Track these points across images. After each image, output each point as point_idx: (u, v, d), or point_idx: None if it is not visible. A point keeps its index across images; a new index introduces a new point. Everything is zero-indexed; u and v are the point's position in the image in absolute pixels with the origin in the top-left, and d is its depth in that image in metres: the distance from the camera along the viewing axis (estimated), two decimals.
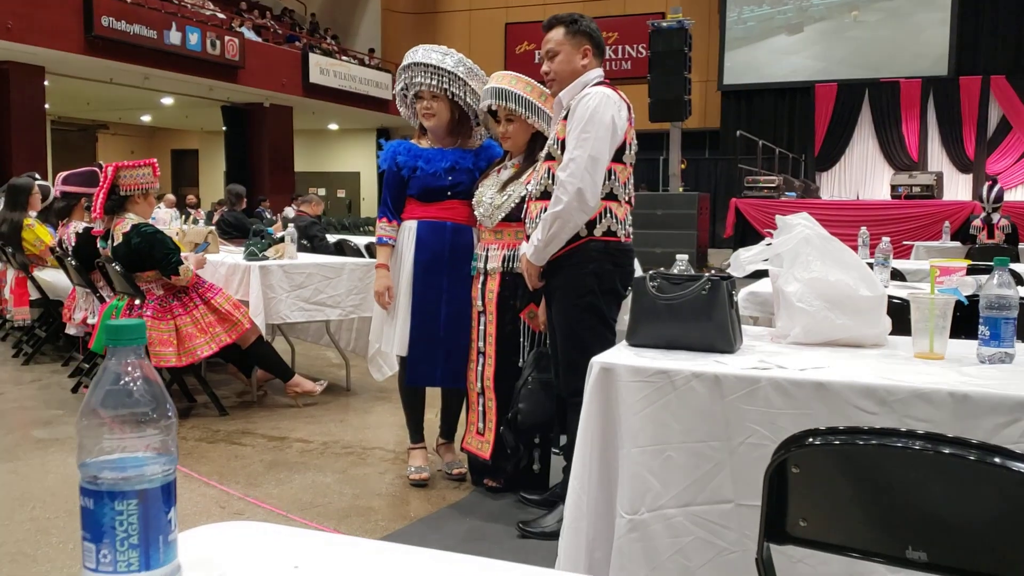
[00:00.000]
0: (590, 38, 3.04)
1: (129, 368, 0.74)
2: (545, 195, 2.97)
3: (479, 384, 3.52)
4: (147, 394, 0.74)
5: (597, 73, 3.04)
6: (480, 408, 3.54)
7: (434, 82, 3.50)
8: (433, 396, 3.79)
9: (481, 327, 3.51)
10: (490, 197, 3.44)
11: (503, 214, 3.40)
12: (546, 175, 3.00)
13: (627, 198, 3.01)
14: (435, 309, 3.54)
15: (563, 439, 3.34)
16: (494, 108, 3.43)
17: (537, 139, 3.40)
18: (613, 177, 2.92)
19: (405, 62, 3.60)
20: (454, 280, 3.53)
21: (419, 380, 3.63)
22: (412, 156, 3.58)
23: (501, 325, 3.45)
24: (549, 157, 3.02)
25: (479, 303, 3.49)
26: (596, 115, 2.85)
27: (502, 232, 3.44)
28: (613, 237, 2.95)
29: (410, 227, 3.58)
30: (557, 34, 3.04)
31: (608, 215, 2.93)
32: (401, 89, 3.66)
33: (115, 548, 0.72)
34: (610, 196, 2.93)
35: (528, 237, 3.08)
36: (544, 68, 3.07)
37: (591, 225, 2.91)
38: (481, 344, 3.51)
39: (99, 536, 0.72)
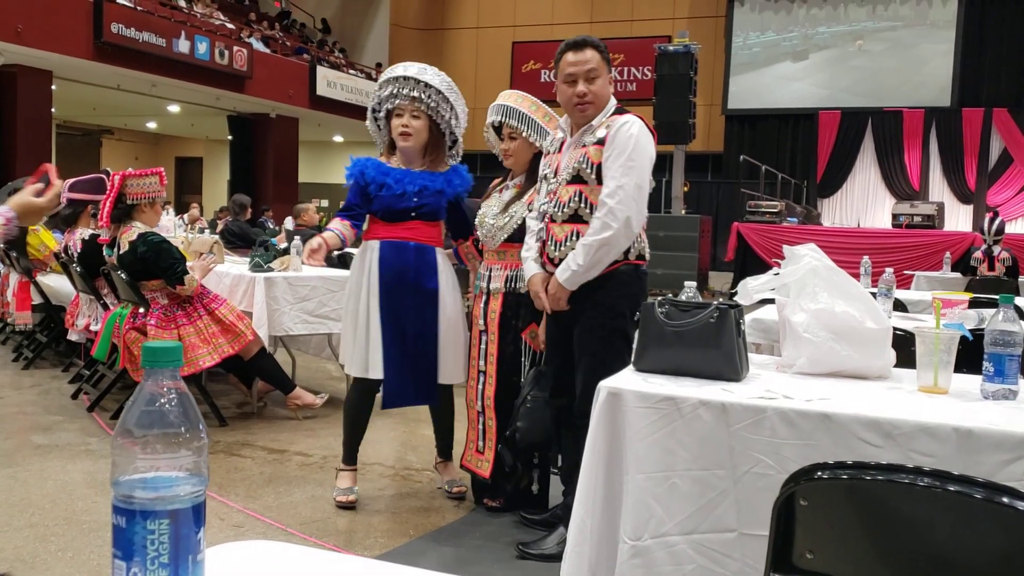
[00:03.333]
0: (609, 66, 3.04)
1: (165, 389, 0.75)
2: (575, 218, 2.94)
3: (479, 403, 3.53)
4: (181, 415, 0.75)
5: (614, 99, 3.07)
6: (480, 427, 3.55)
7: (419, 96, 3.41)
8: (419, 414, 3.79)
9: (482, 346, 3.51)
10: (492, 218, 3.46)
11: (506, 235, 3.41)
12: (576, 198, 2.94)
13: (644, 223, 3.05)
14: (403, 328, 3.47)
15: (560, 460, 3.35)
16: (498, 124, 3.46)
17: (539, 159, 3.39)
18: None
19: (385, 77, 3.51)
20: (419, 299, 3.48)
21: (396, 402, 3.55)
22: (380, 173, 3.49)
23: (503, 345, 3.46)
24: (577, 180, 2.95)
25: (481, 322, 3.51)
26: (640, 144, 2.87)
27: (505, 253, 3.46)
28: (642, 261, 3.00)
29: (372, 247, 3.50)
30: (595, 57, 2.97)
31: (640, 240, 2.99)
32: (375, 105, 3.57)
33: (145, 567, 0.73)
34: None
35: (548, 258, 3.03)
36: (581, 89, 2.94)
37: (627, 250, 2.94)
38: (482, 363, 3.51)
39: (130, 554, 0.73)
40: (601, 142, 2.92)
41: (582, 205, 2.92)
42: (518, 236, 3.35)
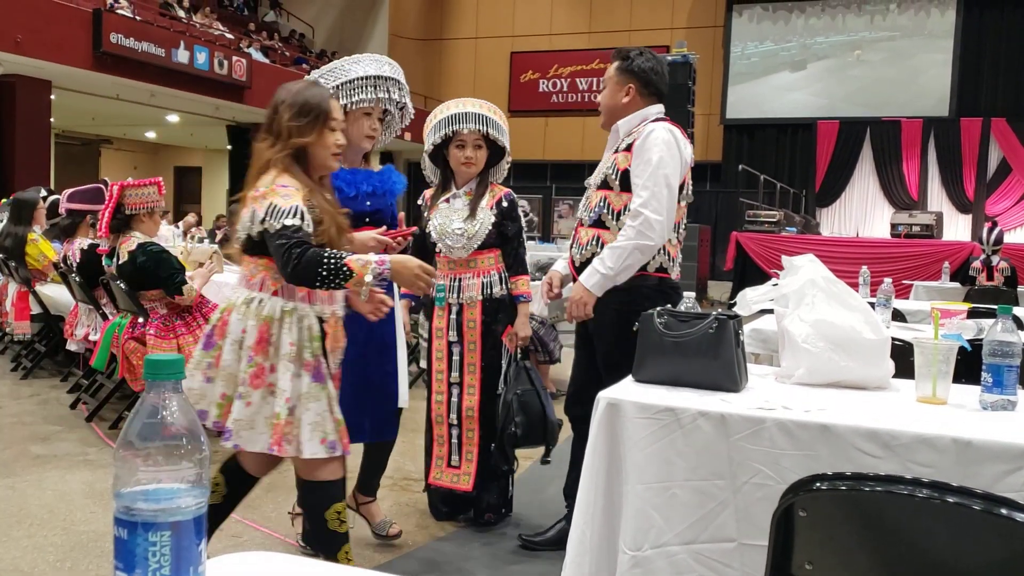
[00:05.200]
0: (636, 77, 3.09)
1: (166, 402, 0.76)
2: (598, 223, 3.00)
3: (454, 416, 3.48)
4: (183, 428, 0.75)
5: (657, 109, 3.10)
6: (455, 440, 3.49)
7: (396, 99, 3.13)
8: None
9: (456, 357, 3.46)
10: (459, 227, 3.39)
11: (479, 242, 3.41)
12: (601, 203, 3.01)
13: (679, 237, 3.07)
14: (361, 351, 2.99)
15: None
16: (476, 133, 3.38)
17: (489, 164, 3.48)
18: None
19: (373, 72, 3.06)
20: (380, 319, 2.94)
21: (350, 437, 3.00)
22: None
23: (485, 352, 3.46)
24: (604, 186, 3.04)
25: (453, 334, 3.45)
26: (667, 150, 2.91)
27: (476, 260, 3.44)
28: (665, 274, 3.02)
29: None
30: (609, 68, 3.16)
31: (662, 252, 3.00)
32: (357, 100, 3.03)
33: None
34: None
35: (571, 261, 3.08)
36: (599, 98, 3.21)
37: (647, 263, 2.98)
38: (456, 375, 3.46)
39: (132, 566, 0.73)
40: (629, 148, 2.99)
41: (605, 211, 3.00)
42: (489, 242, 3.40)
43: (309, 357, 2.40)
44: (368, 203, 3.09)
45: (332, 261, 2.26)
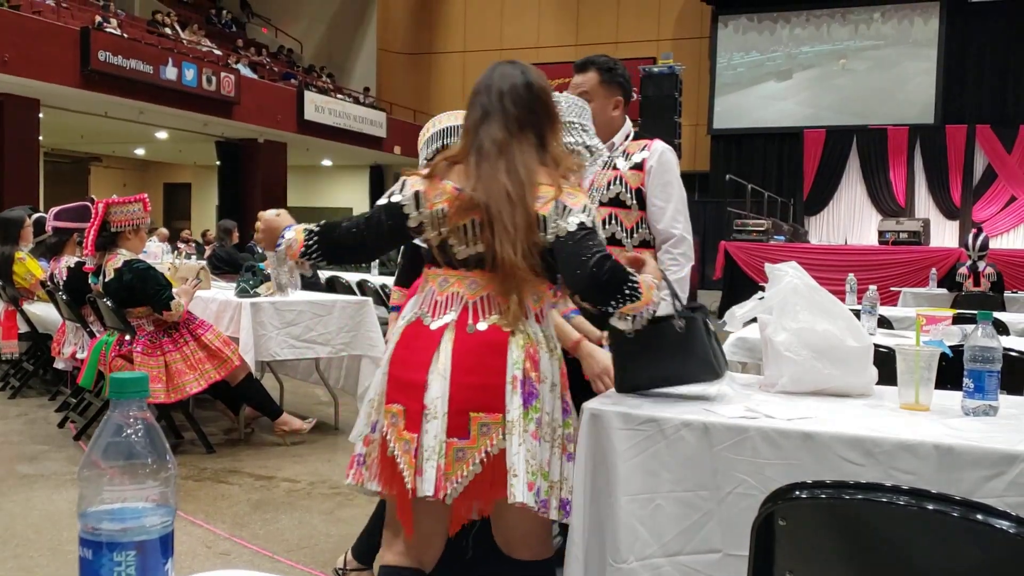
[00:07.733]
0: (622, 89, 3.02)
1: (131, 420, 0.75)
2: (612, 241, 2.91)
3: None
4: (148, 446, 0.75)
5: (629, 124, 3.06)
6: None
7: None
8: None
9: None
10: None
11: None
12: (612, 221, 2.94)
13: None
14: None
15: None
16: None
17: None
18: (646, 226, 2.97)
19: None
20: None
21: None
22: None
23: None
24: (614, 203, 2.95)
25: None
26: (678, 171, 3.01)
27: None
28: None
29: None
30: (592, 78, 2.96)
31: None
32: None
33: None
34: (645, 244, 2.98)
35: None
36: None
37: None
38: None
39: None
40: (638, 167, 2.94)
41: (619, 229, 2.94)
42: None
43: None
44: None
45: (633, 280, 1.93)
